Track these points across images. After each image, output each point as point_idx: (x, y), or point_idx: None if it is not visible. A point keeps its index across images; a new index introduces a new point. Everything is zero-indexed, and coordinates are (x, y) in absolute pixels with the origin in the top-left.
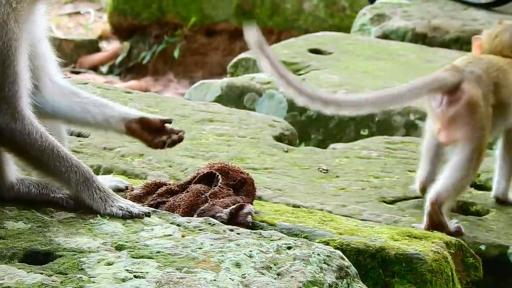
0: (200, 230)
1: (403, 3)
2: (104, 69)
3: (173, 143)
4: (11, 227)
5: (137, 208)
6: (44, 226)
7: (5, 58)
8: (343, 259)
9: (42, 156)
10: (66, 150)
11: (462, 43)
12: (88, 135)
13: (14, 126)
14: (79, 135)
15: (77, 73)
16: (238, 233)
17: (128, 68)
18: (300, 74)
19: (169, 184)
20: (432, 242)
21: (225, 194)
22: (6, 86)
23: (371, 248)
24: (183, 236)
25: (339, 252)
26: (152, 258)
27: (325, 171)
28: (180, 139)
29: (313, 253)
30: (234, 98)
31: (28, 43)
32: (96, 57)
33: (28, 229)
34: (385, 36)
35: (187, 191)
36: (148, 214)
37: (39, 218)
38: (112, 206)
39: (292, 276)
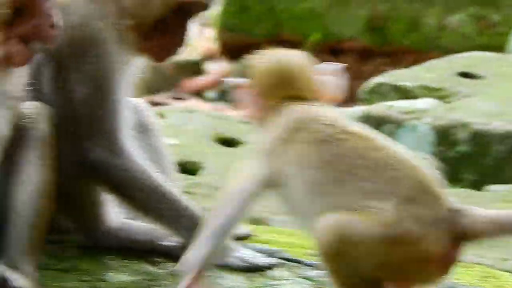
0: None
1: None
2: (210, 94)
3: None
4: (112, 280)
5: (258, 259)
6: (151, 279)
7: (101, 83)
8: None
9: (145, 197)
10: (174, 190)
11: None
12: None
13: (112, 161)
14: (187, 172)
15: (179, 99)
16: None
17: None
18: (449, 102)
19: None
20: None
21: None
22: (103, 116)
23: None
24: None
25: None
26: None
27: None
28: None
29: None
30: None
31: (130, 68)
32: (201, 80)
33: (131, 283)
34: None
35: None
36: (271, 267)
37: (144, 269)
38: (228, 257)
39: None
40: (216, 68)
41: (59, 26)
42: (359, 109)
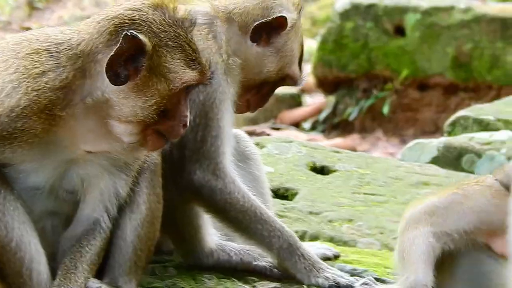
0: None
1: None
2: (306, 125)
3: None
4: None
5: (345, 278)
6: None
7: (208, 110)
8: None
9: (243, 218)
10: (270, 213)
11: None
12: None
13: (215, 183)
14: (282, 197)
15: (277, 129)
16: None
17: (333, 125)
18: None
19: None
20: None
21: None
22: (208, 141)
23: None
24: None
25: None
26: None
27: None
28: None
29: None
30: (452, 159)
31: (234, 100)
32: (298, 112)
33: None
34: None
35: None
36: (357, 286)
37: None
38: (317, 276)
39: None
40: (312, 101)
41: (188, 125)
42: (442, 140)
